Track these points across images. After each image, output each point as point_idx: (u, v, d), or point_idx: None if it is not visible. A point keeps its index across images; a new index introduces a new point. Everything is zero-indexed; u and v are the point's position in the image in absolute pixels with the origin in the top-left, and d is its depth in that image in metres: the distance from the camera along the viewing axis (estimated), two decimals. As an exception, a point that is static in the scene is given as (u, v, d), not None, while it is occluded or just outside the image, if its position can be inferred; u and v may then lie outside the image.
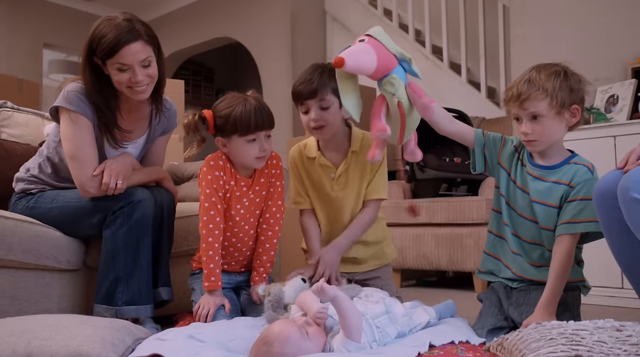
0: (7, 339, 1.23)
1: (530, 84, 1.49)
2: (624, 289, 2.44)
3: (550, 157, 1.58)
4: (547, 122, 1.50)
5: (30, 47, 5.65)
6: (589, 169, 1.53)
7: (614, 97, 2.81)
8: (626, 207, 1.29)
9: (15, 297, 1.76)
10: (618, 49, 2.93)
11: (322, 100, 1.73)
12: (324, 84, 1.72)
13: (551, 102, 1.48)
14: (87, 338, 1.24)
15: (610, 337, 1.07)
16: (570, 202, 1.50)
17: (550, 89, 1.48)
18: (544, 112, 1.49)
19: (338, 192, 1.85)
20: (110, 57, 1.69)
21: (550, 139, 1.53)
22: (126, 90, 1.77)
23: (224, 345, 1.37)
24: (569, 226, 1.49)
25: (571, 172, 1.53)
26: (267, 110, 1.72)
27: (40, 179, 1.92)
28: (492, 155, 1.66)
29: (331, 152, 1.86)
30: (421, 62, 4.28)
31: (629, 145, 1.46)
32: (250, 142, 1.71)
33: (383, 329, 1.37)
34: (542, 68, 1.52)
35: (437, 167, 3.31)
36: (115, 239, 1.72)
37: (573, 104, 1.51)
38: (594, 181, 1.49)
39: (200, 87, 7.19)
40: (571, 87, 1.50)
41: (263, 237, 1.85)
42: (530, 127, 1.51)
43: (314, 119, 1.74)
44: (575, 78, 1.51)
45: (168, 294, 1.87)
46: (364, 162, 1.81)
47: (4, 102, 2.38)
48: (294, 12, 4.88)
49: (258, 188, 1.83)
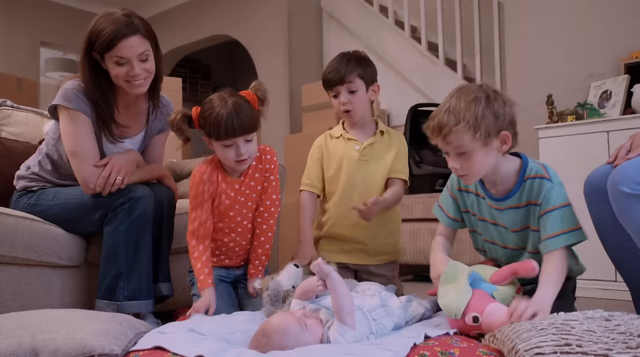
0: (12, 333, 1.26)
1: (450, 115, 1.34)
2: (617, 282, 2.48)
3: (500, 184, 1.47)
4: (474, 156, 1.36)
5: (27, 46, 5.65)
6: (546, 178, 1.41)
7: (607, 93, 2.84)
8: (616, 201, 1.32)
9: (18, 293, 1.79)
10: (612, 45, 2.96)
11: (350, 83, 1.89)
12: (350, 71, 1.89)
13: (475, 134, 1.33)
14: (91, 331, 1.26)
15: (599, 327, 1.09)
16: (543, 216, 1.40)
17: (472, 120, 1.33)
18: (469, 146, 1.35)
19: (361, 161, 1.94)
20: (109, 50, 1.72)
21: (483, 170, 1.41)
22: (124, 85, 1.79)
23: (224, 338, 1.40)
24: (554, 241, 1.37)
25: (529, 190, 1.43)
26: (243, 117, 1.65)
27: (41, 176, 1.94)
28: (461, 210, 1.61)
29: (356, 131, 1.99)
30: (417, 59, 4.30)
31: (622, 141, 1.45)
32: (227, 147, 1.69)
33: (379, 321, 1.40)
34: (463, 94, 1.37)
35: (433, 163, 3.34)
36: (115, 236, 1.75)
37: (501, 131, 1.36)
38: (555, 186, 1.40)
39: (197, 85, 7.20)
40: (495, 113, 1.34)
41: (258, 231, 1.86)
42: (458, 162, 1.39)
43: (343, 102, 1.91)
44: (498, 102, 1.36)
45: (168, 289, 1.90)
46: (391, 146, 1.97)
47: (3, 101, 2.40)
48: (291, 9, 4.89)
49: (253, 183, 1.83)
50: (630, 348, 0.98)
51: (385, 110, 4.49)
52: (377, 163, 1.95)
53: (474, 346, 1.24)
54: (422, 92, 4.22)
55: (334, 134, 2.03)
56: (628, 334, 1.03)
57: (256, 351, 1.27)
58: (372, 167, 1.95)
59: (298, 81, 4.72)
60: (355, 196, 1.93)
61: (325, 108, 3.79)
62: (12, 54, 5.49)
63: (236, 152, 1.68)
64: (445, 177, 3.44)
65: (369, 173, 1.95)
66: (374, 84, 1.97)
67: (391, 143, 1.98)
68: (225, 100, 1.66)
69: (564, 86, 3.07)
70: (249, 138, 1.68)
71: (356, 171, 1.94)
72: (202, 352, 1.21)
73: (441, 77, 4.12)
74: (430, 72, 4.21)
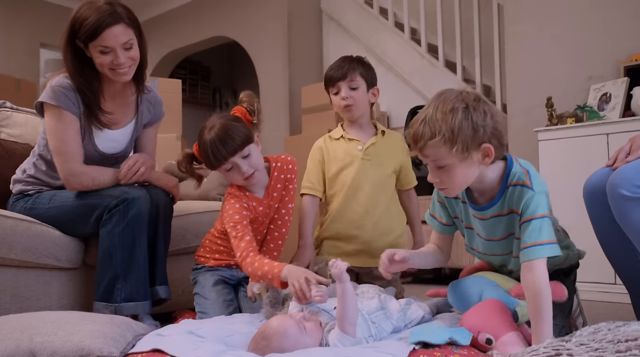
0: (10, 336, 1.25)
1: (425, 126, 1.25)
2: (616, 285, 2.48)
3: (484, 193, 1.39)
4: (453, 170, 1.27)
5: (27, 47, 5.66)
6: (527, 186, 1.31)
7: (606, 95, 2.84)
8: (615, 204, 1.32)
9: (17, 295, 1.79)
10: (611, 48, 2.96)
11: (352, 81, 1.93)
12: (352, 68, 1.94)
13: (452, 148, 1.23)
14: (89, 333, 1.26)
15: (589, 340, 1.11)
16: (523, 225, 1.30)
17: (448, 133, 1.23)
18: (447, 160, 1.26)
19: (365, 160, 1.96)
20: (93, 40, 1.72)
21: (464, 183, 1.33)
22: (109, 73, 1.79)
23: (223, 340, 1.40)
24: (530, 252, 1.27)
25: (510, 197, 1.34)
26: (227, 139, 1.63)
27: (37, 178, 1.94)
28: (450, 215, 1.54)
29: (356, 131, 2.01)
30: (417, 61, 4.30)
31: (621, 143, 1.45)
32: (228, 171, 1.69)
33: (379, 324, 1.40)
34: (441, 102, 1.27)
35: (433, 165, 3.33)
36: (111, 237, 1.74)
37: (482, 144, 1.25)
38: (536, 194, 1.29)
39: (197, 86, 7.20)
40: (474, 126, 1.24)
41: (269, 237, 1.87)
42: (437, 175, 1.31)
43: (344, 97, 1.93)
44: (478, 112, 1.25)
45: (166, 292, 1.90)
46: (392, 147, 2.00)
47: (2, 102, 2.40)
48: (291, 11, 4.90)
49: (276, 194, 1.83)
50: (620, 351, 1.00)
51: (385, 112, 4.49)
52: (381, 163, 1.97)
53: (474, 354, 1.23)
54: (422, 94, 4.22)
55: (333, 135, 2.04)
56: (616, 341, 1.05)
57: (255, 354, 1.27)
58: (376, 167, 1.97)
59: (298, 83, 4.72)
60: (360, 196, 1.95)
61: (324, 110, 3.79)
62: (11, 55, 5.49)
63: (238, 172, 1.68)
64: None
65: (373, 172, 1.96)
66: (374, 87, 2.00)
67: (393, 143, 2.01)
68: (211, 127, 1.67)
69: (563, 88, 3.07)
70: (244, 154, 1.67)
71: (361, 171, 1.96)
72: (201, 354, 1.21)
73: (441, 79, 4.12)
74: (430, 74, 4.21)
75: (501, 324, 1.30)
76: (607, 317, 1.54)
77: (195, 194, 2.73)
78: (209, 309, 1.77)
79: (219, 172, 1.74)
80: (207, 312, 1.76)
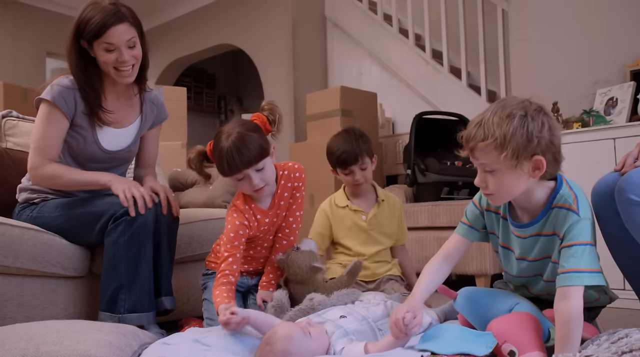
0: (16, 345, 1.25)
1: (479, 129, 1.24)
2: (625, 291, 2.45)
3: (527, 210, 1.37)
4: (501, 176, 1.25)
5: (33, 56, 5.69)
6: (574, 211, 1.28)
7: (613, 100, 2.83)
8: (623, 209, 1.31)
9: (23, 304, 1.78)
10: (617, 52, 2.95)
11: (362, 163, 2.12)
12: (361, 150, 2.11)
13: (501, 154, 1.21)
14: (95, 343, 1.26)
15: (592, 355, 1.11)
16: (563, 249, 1.27)
17: (500, 138, 1.21)
18: (495, 165, 1.24)
19: (370, 231, 2.16)
20: (98, 37, 1.77)
21: (510, 194, 1.30)
22: (112, 72, 1.83)
23: (229, 349, 1.39)
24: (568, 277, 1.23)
25: (554, 219, 1.32)
26: (244, 151, 1.61)
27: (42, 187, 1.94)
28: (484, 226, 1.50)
29: (359, 201, 2.20)
30: (421, 67, 4.30)
31: (628, 148, 1.44)
32: (239, 180, 1.68)
33: (385, 331, 1.39)
34: (501, 107, 1.25)
35: (439, 171, 3.33)
36: (116, 247, 1.74)
37: (534, 155, 1.22)
38: (582, 220, 1.27)
39: (202, 94, 7.22)
40: (529, 136, 1.21)
41: (278, 245, 1.86)
42: (484, 179, 1.29)
43: (357, 179, 2.14)
44: (536, 122, 1.22)
45: (171, 303, 1.89)
46: (390, 209, 2.21)
47: (9, 111, 2.40)
48: (295, 18, 4.91)
49: (283, 203, 1.82)
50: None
51: (389, 118, 4.49)
52: (382, 233, 2.19)
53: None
54: (427, 100, 4.22)
55: (339, 203, 2.21)
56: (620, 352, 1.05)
57: (260, 361, 1.26)
58: (378, 236, 2.18)
59: (302, 90, 4.73)
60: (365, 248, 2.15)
61: (329, 116, 3.79)
62: (18, 64, 5.53)
63: (249, 183, 1.67)
64: (451, 186, 3.45)
65: (376, 241, 2.17)
66: (374, 156, 2.19)
67: (391, 211, 2.22)
68: (229, 134, 1.64)
69: (569, 93, 3.06)
70: (259, 167, 1.66)
71: (366, 240, 2.16)
72: (207, 363, 1.20)
73: (446, 84, 4.12)
74: (435, 80, 4.21)
75: (530, 340, 1.26)
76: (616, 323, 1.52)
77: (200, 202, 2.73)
78: (216, 316, 1.76)
79: (229, 179, 1.73)
80: (215, 319, 1.74)
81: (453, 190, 3.43)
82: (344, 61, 4.92)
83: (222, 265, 1.67)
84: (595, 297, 1.47)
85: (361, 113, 3.89)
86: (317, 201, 3.57)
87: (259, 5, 5.21)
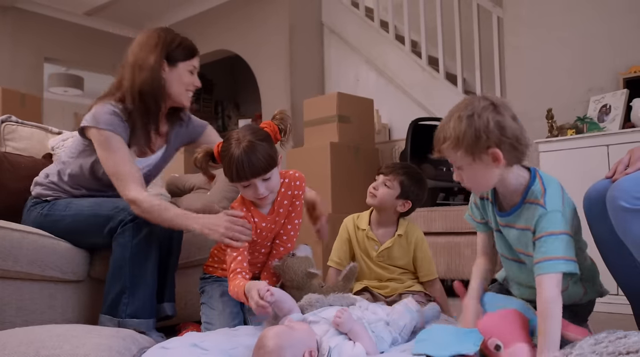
0: (17, 349, 1.26)
1: (440, 133, 1.38)
2: (618, 296, 2.47)
3: (507, 198, 1.47)
4: (469, 171, 1.38)
5: (31, 61, 5.70)
6: (540, 205, 1.38)
7: (606, 107, 2.86)
8: (615, 216, 1.33)
9: (22, 308, 1.80)
10: (610, 60, 2.99)
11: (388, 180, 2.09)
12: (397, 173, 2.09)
13: (459, 153, 1.35)
14: (95, 347, 1.27)
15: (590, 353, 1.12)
16: (536, 242, 1.37)
17: (454, 139, 1.34)
18: (459, 162, 1.37)
19: (379, 264, 2.12)
20: (190, 58, 1.95)
21: (484, 183, 1.42)
22: (184, 94, 1.94)
23: (227, 353, 1.40)
24: (540, 266, 1.32)
25: (527, 215, 1.41)
26: (254, 160, 1.61)
27: (59, 186, 1.95)
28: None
29: (379, 229, 2.15)
30: (418, 73, 4.33)
31: (621, 154, 1.45)
32: (245, 187, 1.68)
33: (378, 334, 1.41)
34: (455, 110, 1.38)
35: (435, 177, 3.35)
36: (123, 250, 1.76)
37: (488, 148, 1.32)
38: (548, 213, 1.36)
39: (199, 99, 7.23)
40: (477, 133, 1.31)
41: (275, 251, 1.86)
42: (458, 175, 1.42)
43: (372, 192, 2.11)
44: (483, 120, 1.32)
45: (172, 309, 1.91)
46: (407, 244, 2.12)
47: (8, 116, 2.43)
48: (292, 24, 4.94)
49: (282, 210, 1.82)
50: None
51: (386, 124, 4.51)
52: (393, 265, 2.13)
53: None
54: (423, 106, 4.25)
55: (360, 225, 2.17)
56: (617, 353, 1.05)
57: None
58: (388, 267, 2.12)
59: (299, 96, 4.75)
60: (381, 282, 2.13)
61: (326, 122, 3.81)
62: (16, 70, 5.54)
63: (254, 191, 1.67)
64: (446, 191, 3.48)
65: (386, 269, 2.12)
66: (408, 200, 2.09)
67: (408, 246, 2.12)
68: (239, 140, 1.63)
69: (563, 100, 3.09)
70: (266, 177, 1.66)
71: (371, 271, 2.13)
72: (205, 367, 1.22)
73: (442, 91, 4.15)
74: (431, 86, 4.24)
75: (514, 334, 1.31)
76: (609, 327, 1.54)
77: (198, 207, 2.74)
78: (214, 320, 1.77)
79: (229, 184, 1.75)
80: (213, 323, 1.76)
81: (449, 196, 3.46)
82: (341, 67, 4.95)
83: (232, 265, 1.64)
84: (580, 293, 1.51)
85: (358, 119, 3.91)
86: (314, 206, 3.59)
87: (256, 11, 5.24)
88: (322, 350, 1.31)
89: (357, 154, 3.79)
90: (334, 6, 4.95)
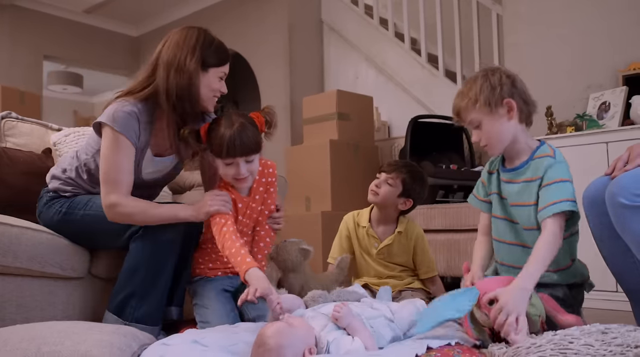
0: (18, 346, 1.26)
1: (457, 98, 1.59)
2: (618, 293, 2.48)
3: (516, 158, 1.60)
4: (486, 125, 1.54)
5: (30, 59, 5.70)
6: (550, 156, 1.54)
7: (605, 104, 2.87)
8: (614, 213, 1.34)
9: (22, 305, 1.79)
10: (609, 57, 2.99)
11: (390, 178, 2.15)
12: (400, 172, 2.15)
13: (478, 106, 1.53)
14: (96, 343, 1.27)
15: (597, 341, 1.10)
16: (542, 189, 1.50)
17: (473, 95, 1.53)
18: (478, 117, 1.54)
19: (379, 261, 2.17)
20: (222, 65, 1.88)
21: (500, 138, 1.56)
22: (210, 99, 1.87)
23: (227, 349, 1.41)
24: (547, 209, 1.45)
25: (535, 167, 1.54)
26: (245, 139, 1.70)
27: (76, 182, 1.91)
28: None
29: (380, 227, 2.19)
30: (417, 71, 4.34)
31: (620, 151, 1.47)
32: (228, 165, 1.74)
33: (377, 329, 1.41)
34: (469, 78, 1.60)
35: (434, 174, 3.35)
36: (139, 254, 1.74)
37: (503, 99, 1.52)
38: (557, 163, 1.51)
39: (198, 97, 7.24)
40: (492, 85, 1.52)
41: (257, 237, 1.92)
42: (477, 134, 1.57)
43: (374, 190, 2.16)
44: (496, 76, 1.54)
45: (178, 314, 1.89)
46: (407, 241, 2.17)
47: (8, 113, 2.42)
48: (291, 22, 4.94)
49: (258, 197, 1.90)
50: (627, 358, 1.00)
51: (385, 121, 4.52)
52: (392, 262, 2.18)
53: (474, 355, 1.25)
54: (423, 103, 4.25)
55: (361, 222, 2.21)
56: (625, 345, 1.05)
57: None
58: (388, 264, 2.17)
59: (299, 93, 4.75)
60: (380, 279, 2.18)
61: (325, 120, 3.82)
62: (15, 68, 5.54)
63: (236, 171, 1.74)
64: (446, 189, 3.48)
65: (386, 267, 2.17)
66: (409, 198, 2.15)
67: (407, 243, 2.18)
68: (232, 120, 1.73)
69: (562, 98, 3.09)
70: (250, 159, 1.75)
71: (371, 268, 2.18)
72: (206, 363, 1.22)
73: (441, 88, 4.15)
74: (431, 84, 4.24)
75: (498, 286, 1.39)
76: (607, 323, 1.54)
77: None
78: (210, 318, 1.77)
79: (216, 160, 1.77)
80: (209, 322, 1.76)
81: (448, 193, 3.46)
82: (340, 65, 4.95)
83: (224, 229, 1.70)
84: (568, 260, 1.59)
85: (357, 116, 3.92)
86: (313, 204, 3.59)
87: (255, 9, 5.23)
88: (320, 344, 1.31)
89: (356, 151, 3.79)
90: (334, 4, 4.95)
